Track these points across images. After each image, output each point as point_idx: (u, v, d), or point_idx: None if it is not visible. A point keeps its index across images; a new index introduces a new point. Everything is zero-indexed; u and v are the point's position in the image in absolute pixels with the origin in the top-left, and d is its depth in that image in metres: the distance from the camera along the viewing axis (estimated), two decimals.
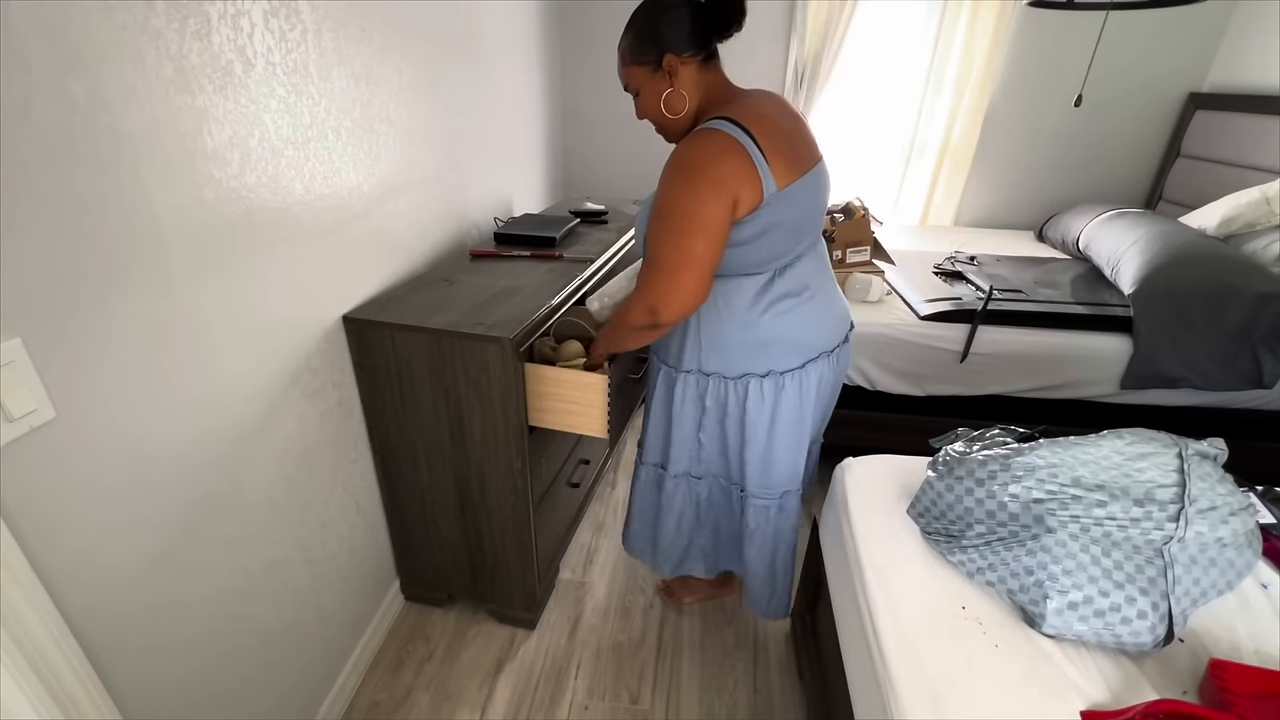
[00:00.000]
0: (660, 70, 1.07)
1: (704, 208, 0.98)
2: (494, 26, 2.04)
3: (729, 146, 0.98)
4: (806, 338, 1.18)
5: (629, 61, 1.09)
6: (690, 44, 1.05)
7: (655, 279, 1.04)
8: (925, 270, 2.22)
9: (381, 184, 1.41)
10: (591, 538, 1.96)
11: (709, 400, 1.23)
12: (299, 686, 1.29)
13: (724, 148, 0.98)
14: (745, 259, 1.09)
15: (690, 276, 1.02)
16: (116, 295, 0.81)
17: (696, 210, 0.98)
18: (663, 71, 1.07)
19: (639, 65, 1.08)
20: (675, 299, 1.03)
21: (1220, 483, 0.96)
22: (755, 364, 1.17)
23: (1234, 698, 0.79)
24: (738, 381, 1.19)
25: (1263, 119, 2.31)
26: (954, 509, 1.05)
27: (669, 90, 1.08)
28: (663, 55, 1.05)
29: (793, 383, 1.18)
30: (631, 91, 1.13)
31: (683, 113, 1.09)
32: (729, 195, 0.98)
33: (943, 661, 0.89)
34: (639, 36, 1.07)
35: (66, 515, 0.78)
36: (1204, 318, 1.80)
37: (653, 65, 1.07)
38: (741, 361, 1.17)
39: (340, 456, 1.35)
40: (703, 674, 1.54)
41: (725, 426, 1.25)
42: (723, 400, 1.22)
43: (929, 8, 2.67)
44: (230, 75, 0.95)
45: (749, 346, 1.16)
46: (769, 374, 1.17)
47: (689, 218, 0.99)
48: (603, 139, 3.08)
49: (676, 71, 1.06)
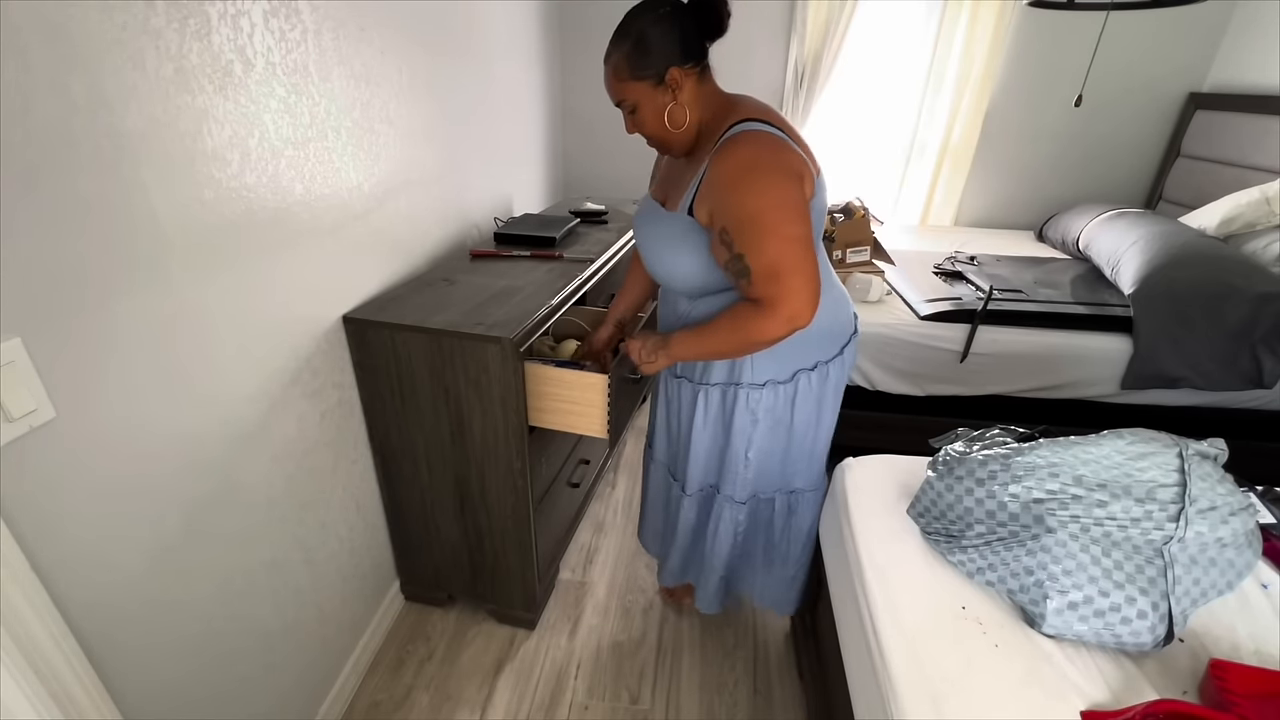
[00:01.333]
0: (663, 84, 1.02)
1: (789, 195, 0.96)
2: (494, 26, 2.04)
3: (779, 141, 0.99)
4: (840, 323, 1.20)
5: (627, 76, 1.02)
6: (690, 54, 1.01)
7: (782, 285, 0.96)
8: (925, 270, 2.22)
9: (381, 184, 1.41)
10: (591, 538, 1.96)
11: (760, 410, 1.20)
12: (299, 686, 1.29)
13: (777, 142, 0.99)
14: None
15: (810, 266, 0.97)
16: (117, 295, 0.81)
17: (787, 200, 0.96)
18: (665, 85, 1.02)
19: (638, 80, 1.02)
20: (806, 295, 0.97)
21: (1220, 483, 0.96)
22: (804, 359, 1.17)
23: (1234, 698, 0.79)
24: (787, 384, 1.19)
25: (1263, 119, 2.31)
26: (954, 509, 1.05)
27: (672, 105, 1.03)
28: (666, 69, 1.00)
29: (836, 370, 1.20)
30: (626, 108, 1.06)
31: (685, 125, 1.05)
32: (800, 181, 0.99)
33: (943, 661, 0.89)
34: (637, 49, 1.00)
35: (66, 515, 0.78)
36: (1204, 318, 1.80)
37: (654, 79, 1.01)
38: (792, 359, 1.16)
39: (340, 456, 1.35)
40: (703, 674, 1.54)
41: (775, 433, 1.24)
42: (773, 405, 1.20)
43: (929, 8, 2.67)
44: (230, 75, 0.95)
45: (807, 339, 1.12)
46: (815, 366, 1.18)
47: (784, 209, 0.96)
48: (603, 139, 3.08)
49: (680, 84, 1.02)
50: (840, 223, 2.07)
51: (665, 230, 1.11)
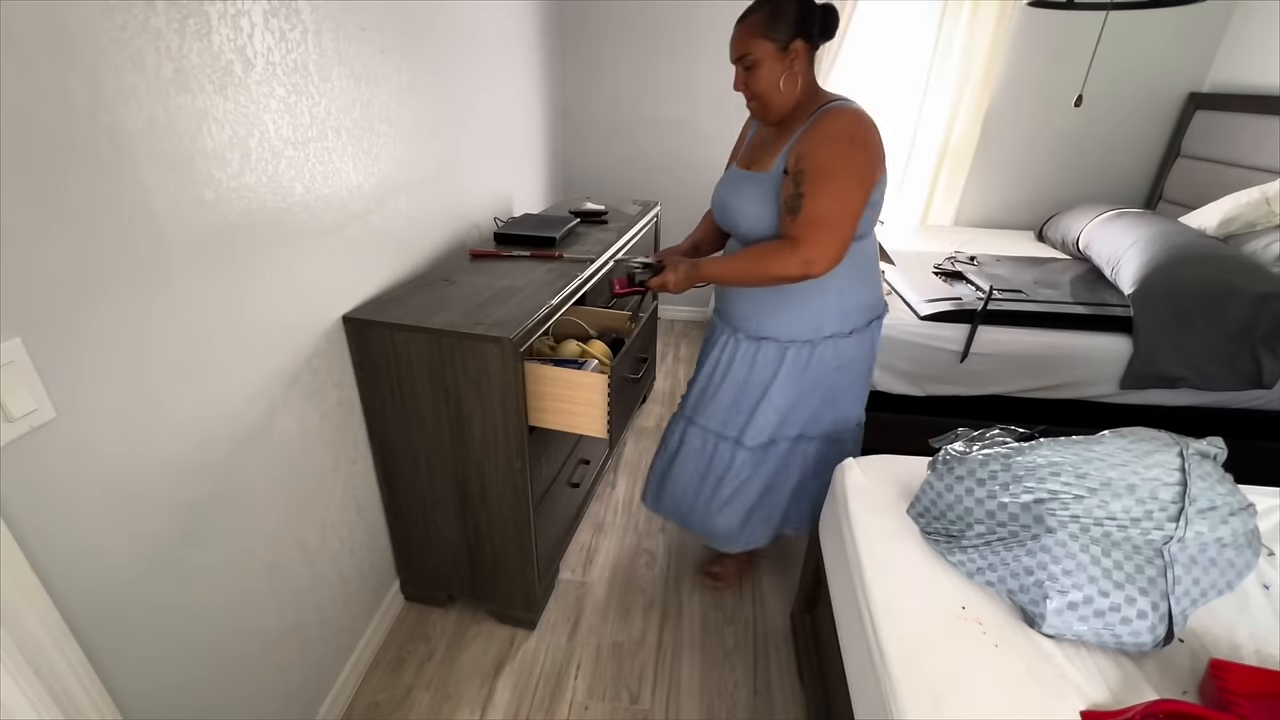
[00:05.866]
0: (787, 51, 1.17)
1: (869, 171, 1.16)
2: (494, 27, 2.04)
3: (874, 123, 1.17)
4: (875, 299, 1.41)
5: (760, 34, 1.16)
6: (816, 36, 1.18)
7: (817, 233, 1.14)
8: (925, 270, 2.22)
9: (381, 184, 1.41)
10: (591, 538, 1.96)
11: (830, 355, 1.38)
12: (299, 686, 1.29)
13: (873, 123, 1.17)
14: (871, 218, 1.27)
15: (848, 232, 1.16)
16: (117, 295, 0.81)
17: (864, 172, 1.15)
18: (788, 52, 1.17)
19: (770, 39, 1.16)
20: (831, 252, 1.15)
21: (1220, 482, 0.96)
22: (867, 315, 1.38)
23: (1234, 698, 0.79)
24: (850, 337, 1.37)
25: (1263, 119, 2.31)
26: (954, 509, 1.05)
27: (788, 72, 1.19)
28: (794, 38, 1.16)
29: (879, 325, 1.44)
30: (745, 64, 1.20)
31: (792, 94, 1.21)
32: (882, 165, 1.19)
33: (943, 661, 0.89)
34: (777, 14, 1.15)
35: (66, 515, 0.78)
36: (1204, 318, 1.80)
37: (782, 44, 1.16)
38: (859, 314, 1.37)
39: (340, 456, 1.35)
40: (703, 674, 1.54)
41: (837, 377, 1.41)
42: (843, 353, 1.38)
43: (929, 7, 2.67)
44: (230, 75, 0.95)
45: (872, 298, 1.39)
46: (871, 322, 1.40)
47: (858, 176, 1.15)
48: (602, 139, 3.08)
49: (800, 56, 1.18)
50: None
51: (758, 190, 1.26)
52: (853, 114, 1.17)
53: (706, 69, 2.84)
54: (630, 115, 3.03)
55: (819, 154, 1.14)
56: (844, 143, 1.15)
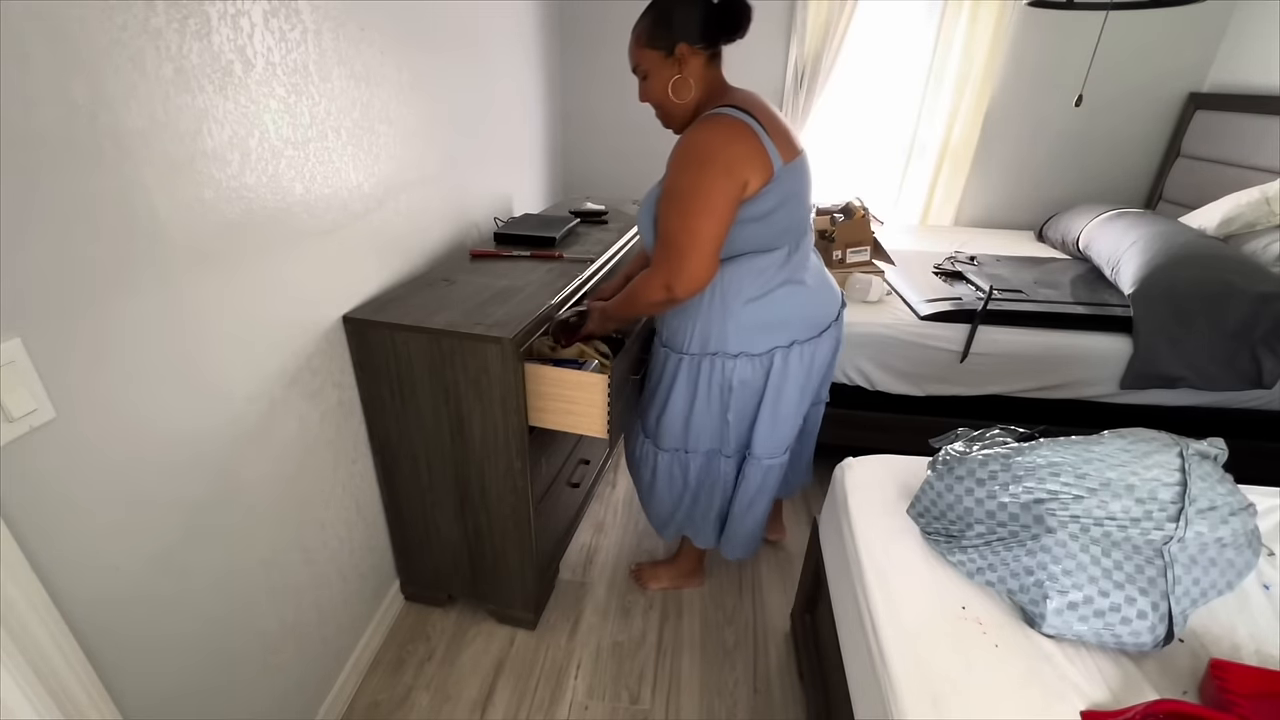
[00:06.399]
0: (672, 57, 1.14)
1: (714, 190, 1.07)
2: (494, 26, 2.04)
3: (737, 129, 1.08)
4: (818, 310, 1.30)
5: (644, 44, 1.15)
6: (703, 38, 1.12)
7: (669, 256, 1.12)
8: (925, 270, 2.22)
9: (381, 184, 1.41)
10: (591, 538, 1.96)
11: (735, 379, 1.29)
12: (299, 686, 1.29)
13: (734, 132, 1.08)
14: (767, 232, 1.17)
15: (701, 254, 1.10)
16: (117, 295, 0.81)
17: (706, 192, 1.07)
18: (674, 58, 1.14)
19: (653, 49, 1.14)
20: (688, 275, 1.11)
21: (1220, 483, 0.96)
22: (778, 337, 1.26)
23: (1234, 698, 0.79)
24: (763, 357, 1.27)
25: (1263, 119, 2.31)
26: (954, 509, 1.05)
27: (677, 77, 1.15)
28: (676, 43, 1.12)
29: (808, 350, 1.29)
30: (640, 74, 1.19)
31: (686, 100, 1.17)
32: (738, 178, 1.08)
33: (943, 661, 0.89)
34: (657, 21, 1.13)
35: (66, 515, 0.78)
36: (1204, 318, 1.80)
37: (666, 51, 1.14)
38: (767, 337, 1.26)
39: (340, 456, 1.35)
40: (703, 674, 1.54)
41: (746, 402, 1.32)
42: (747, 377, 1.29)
43: (929, 8, 2.67)
44: (230, 75, 0.95)
45: (772, 321, 1.25)
46: (792, 344, 1.27)
47: (699, 199, 1.07)
48: (603, 139, 3.08)
49: (687, 60, 1.13)
50: (840, 223, 2.07)
51: (649, 206, 1.21)
52: (706, 129, 1.09)
53: None
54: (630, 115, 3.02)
55: (669, 174, 1.11)
56: (689, 162, 1.09)
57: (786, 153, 1.12)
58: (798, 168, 1.16)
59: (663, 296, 1.15)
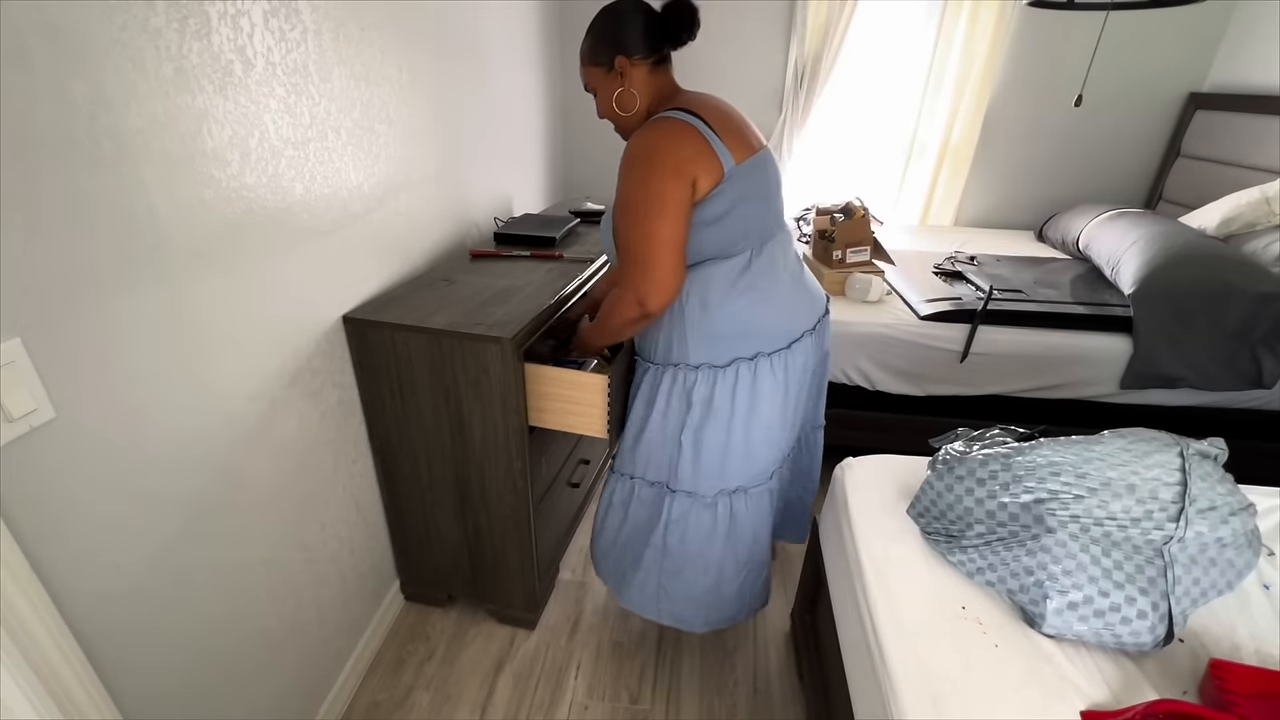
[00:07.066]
0: (613, 71, 1.14)
1: (662, 191, 1.03)
2: (494, 26, 2.04)
3: (681, 130, 1.04)
4: (788, 319, 1.20)
5: (587, 62, 1.18)
6: (642, 47, 1.12)
7: (634, 270, 1.08)
8: (925, 270, 2.22)
9: (381, 184, 1.41)
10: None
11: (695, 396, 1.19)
12: (298, 686, 1.29)
13: (676, 132, 1.04)
14: (723, 237, 1.10)
15: (664, 260, 1.05)
16: (117, 295, 0.81)
17: (658, 195, 1.03)
18: (615, 72, 1.14)
19: (595, 66, 1.16)
20: (656, 285, 1.07)
21: (1220, 483, 0.96)
22: (740, 348, 1.17)
23: (1234, 698, 0.79)
24: (725, 370, 1.18)
25: (1263, 119, 2.31)
26: (954, 509, 1.05)
27: (620, 89, 1.15)
28: (614, 57, 1.12)
29: (779, 362, 1.19)
30: (590, 91, 1.21)
31: (633, 111, 1.16)
32: (686, 177, 1.03)
33: (943, 661, 0.89)
34: (596, 39, 1.15)
35: (66, 515, 0.78)
36: (1204, 318, 1.80)
37: (606, 66, 1.14)
38: (728, 347, 1.17)
39: (340, 456, 1.35)
40: (703, 674, 1.54)
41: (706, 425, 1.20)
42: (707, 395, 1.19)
43: (929, 8, 2.67)
44: (230, 75, 0.95)
45: (733, 331, 1.16)
46: (756, 356, 1.18)
47: (650, 202, 1.03)
48: (603, 139, 3.05)
49: (627, 72, 1.13)
50: (840, 223, 2.07)
51: (607, 217, 1.18)
52: (649, 133, 1.06)
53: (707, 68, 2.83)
54: None
55: (619, 185, 1.08)
56: (634, 167, 1.05)
57: (740, 152, 1.07)
58: (756, 166, 1.10)
59: (636, 313, 1.09)
